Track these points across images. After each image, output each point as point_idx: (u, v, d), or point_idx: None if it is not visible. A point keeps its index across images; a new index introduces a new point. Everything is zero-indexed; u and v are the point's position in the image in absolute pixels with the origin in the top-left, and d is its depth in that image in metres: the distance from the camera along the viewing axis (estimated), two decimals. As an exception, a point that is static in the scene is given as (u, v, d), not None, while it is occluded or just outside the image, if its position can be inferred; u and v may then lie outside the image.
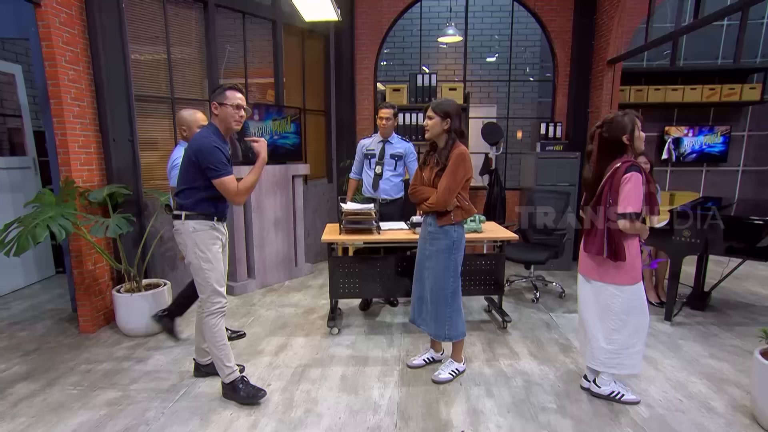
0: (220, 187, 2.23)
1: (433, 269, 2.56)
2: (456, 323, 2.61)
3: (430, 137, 2.50)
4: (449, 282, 2.55)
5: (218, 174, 2.20)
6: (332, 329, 3.34)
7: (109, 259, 3.28)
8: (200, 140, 2.21)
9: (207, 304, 2.36)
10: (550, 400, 2.46)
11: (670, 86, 5.61)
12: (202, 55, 4.09)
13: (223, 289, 2.40)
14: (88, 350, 3.05)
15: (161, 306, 3.27)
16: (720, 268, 3.95)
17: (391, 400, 2.46)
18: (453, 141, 2.44)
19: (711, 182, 6.10)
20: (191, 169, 2.23)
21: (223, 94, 2.26)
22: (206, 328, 2.37)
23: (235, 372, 2.44)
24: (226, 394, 2.46)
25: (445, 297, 2.57)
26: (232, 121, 2.28)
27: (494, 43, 7.08)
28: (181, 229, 2.31)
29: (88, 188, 3.24)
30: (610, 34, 4.69)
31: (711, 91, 5.56)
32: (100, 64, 3.27)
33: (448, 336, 2.61)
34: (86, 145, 3.27)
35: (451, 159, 2.40)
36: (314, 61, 5.24)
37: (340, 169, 5.41)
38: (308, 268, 4.95)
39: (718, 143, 5.88)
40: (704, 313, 3.75)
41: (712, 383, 2.64)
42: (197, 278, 2.35)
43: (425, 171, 2.55)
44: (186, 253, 2.34)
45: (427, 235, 2.60)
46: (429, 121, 2.46)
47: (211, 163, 2.18)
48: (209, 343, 2.39)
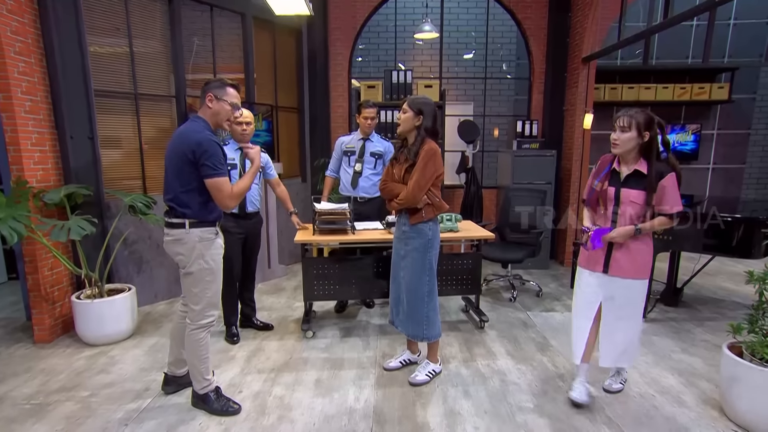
0: (213, 187, 2.12)
1: (409, 269, 2.57)
2: (433, 323, 2.62)
3: (401, 132, 2.51)
4: (425, 281, 2.56)
5: (216, 173, 2.10)
6: (306, 332, 3.32)
7: (68, 263, 3.17)
8: (197, 135, 2.09)
9: (198, 317, 2.27)
10: (527, 400, 2.51)
11: (644, 84, 5.80)
12: (167, 49, 3.99)
13: (220, 303, 2.36)
14: (43, 361, 2.93)
15: (125, 312, 3.19)
16: (691, 265, 4.10)
17: (367, 403, 2.46)
18: (422, 138, 2.45)
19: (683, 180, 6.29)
20: (187, 169, 2.10)
21: (224, 89, 2.18)
22: (191, 341, 2.28)
23: (211, 384, 2.38)
24: (196, 404, 2.40)
25: (422, 296, 2.58)
26: (225, 119, 2.22)
27: (471, 39, 7.16)
28: (186, 239, 2.17)
29: (42, 189, 3.12)
30: (585, 32, 4.81)
31: (682, 90, 5.79)
32: (54, 56, 3.16)
33: (426, 336, 2.63)
34: (40, 143, 3.14)
35: (421, 155, 2.41)
36: (286, 56, 5.19)
37: (314, 168, 5.37)
38: (282, 270, 4.89)
39: (690, 141, 6.11)
40: (677, 309, 3.89)
41: (684, 378, 2.74)
42: (194, 289, 2.23)
43: (395, 167, 2.56)
44: (187, 264, 2.21)
45: (401, 235, 2.61)
46: (402, 115, 2.46)
47: (210, 161, 2.07)
48: (191, 356, 2.31)
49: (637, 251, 2.30)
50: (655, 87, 5.78)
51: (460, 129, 5.32)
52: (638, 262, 2.30)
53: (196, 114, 2.23)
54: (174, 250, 2.22)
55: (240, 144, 3.07)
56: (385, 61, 7.07)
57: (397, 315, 2.73)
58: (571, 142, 5.12)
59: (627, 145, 2.25)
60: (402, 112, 2.46)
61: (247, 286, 3.42)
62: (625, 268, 2.30)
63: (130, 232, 3.64)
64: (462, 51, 7.31)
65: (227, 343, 3.21)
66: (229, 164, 3.05)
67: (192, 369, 2.34)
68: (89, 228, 3.04)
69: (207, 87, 2.20)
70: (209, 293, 2.26)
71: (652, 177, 2.22)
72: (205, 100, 2.18)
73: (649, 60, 6.06)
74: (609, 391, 2.58)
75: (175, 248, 2.21)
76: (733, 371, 2.26)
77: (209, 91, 2.18)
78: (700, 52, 5.98)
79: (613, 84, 5.84)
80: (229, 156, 3.06)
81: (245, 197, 3.09)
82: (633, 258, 2.30)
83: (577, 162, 5.11)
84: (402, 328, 2.71)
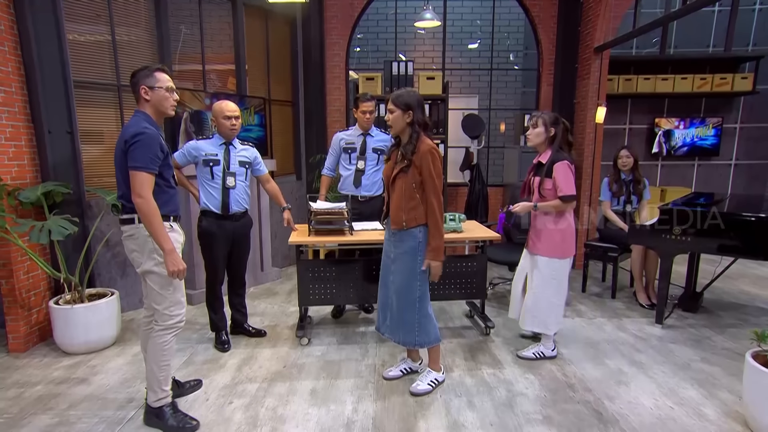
0: (135, 179, 2.08)
1: (399, 273, 2.57)
2: (426, 329, 2.61)
3: (395, 134, 2.53)
4: (415, 286, 2.55)
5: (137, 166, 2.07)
6: (301, 339, 3.30)
7: (46, 266, 3.15)
8: (132, 128, 2.12)
9: (164, 317, 2.25)
10: (535, 411, 2.49)
11: (660, 75, 5.78)
12: (152, 38, 3.98)
13: (185, 299, 2.34)
14: (18, 372, 2.92)
15: (107, 319, 3.18)
16: (712, 267, 4.08)
17: (366, 415, 2.44)
18: (417, 134, 2.45)
19: (703, 177, 6.31)
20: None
21: (152, 77, 2.19)
22: (155, 345, 2.26)
23: (168, 397, 2.35)
24: (149, 421, 2.34)
25: (412, 302, 2.56)
26: (168, 105, 2.23)
27: (475, 28, 7.15)
28: (136, 233, 2.20)
29: (18, 187, 3.10)
30: (597, 20, 4.79)
31: (702, 80, 5.75)
32: (30, 44, 3.14)
33: (418, 342, 2.61)
34: (15, 138, 3.13)
35: (422, 158, 2.40)
36: (280, 46, 5.18)
37: (309, 165, 5.36)
38: (275, 273, 4.88)
39: (710, 136, 6.09)
40: (696, 315, 3.87)
41: (704, 389, 2.72)
42: (155, 286, 2.23)
43: (386, 167, 2.59)
44: (141, 262, 2.22)
45: (390, 237, 2.61)
46: (390, 115, 2.47)
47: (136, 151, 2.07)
48: (152, 362, 2.27)
49: (547, 233, 2.92)
50: (673, 78, 5.75)
51: (464, 123, 5.30)
52: (545, 242, 2.93)
53: (137, 109, 2.24)
54: (129, 247, 2.27)
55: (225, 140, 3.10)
56: (384, 52, 7.06)
57: (384, 321, 2.72)
58: (583, 137, 5.10)
59: (536, 139, 2.94)
60: (389, 112, 2.47)
61: (237, 291, 3.40)
62: (537, 246, 2.97)
63: (112, 233, 3.62)
64: (466, 40, 7.30)
65: (217, 350, 3.19)
66: (211, 160, 3.06)
67: (150, 377, 2.30)
68: (71, 228, 3.02)
69: (136, 80, 2.19)
70: (170, 289, 2.25)
71: (549, 164, 2.86)
72: (140, 94, 2.19)
73: (667, 49, 6.02)
74: (520, 356, 3.09)
75: (129, 245, 2.26)
76: (757, 382, 2.24)
77: (141, 84, 2.18)
78: (722, 40, 5.94)
79: (627, 75, 5.82)
80: (210, 151, 3.07)
81: (229, 196, 3.08)
82: (542, 239, 2.94)
83: (589, 158, 5.09)
84: (390, 335, 2.69)
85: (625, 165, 4.18)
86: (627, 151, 4.19)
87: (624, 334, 3.49)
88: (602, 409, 2.51)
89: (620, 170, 4.22)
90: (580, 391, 2.68)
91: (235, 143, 3.15)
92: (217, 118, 3.05)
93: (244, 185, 3.18)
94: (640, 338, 3.40)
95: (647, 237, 3.64)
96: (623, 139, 6.21)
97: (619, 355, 3.14)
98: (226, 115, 3.03)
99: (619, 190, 4.21)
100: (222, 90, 4.62)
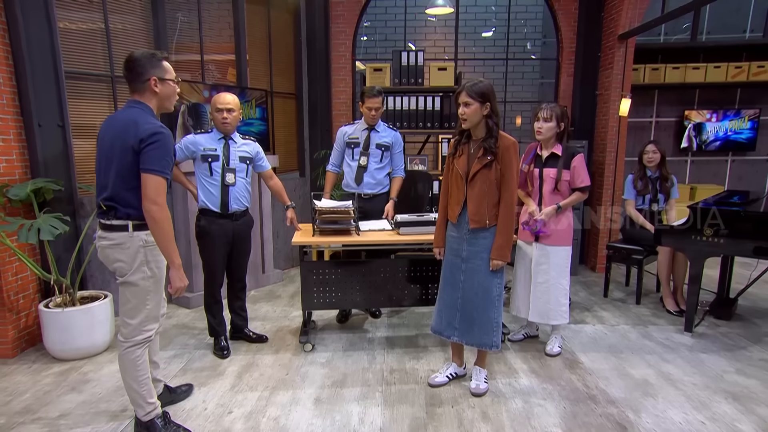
0: (149, 185, 2.02)
1: (477, 272, 2.62)
2: (500, 329, 2.70)
3: (469, 126, 2.54)
4: (495, 284, 2.63)
5: (157, 170, 2.02)
6: (305, 345, 3.31)
7: (35, 268, 3.18)
8: (149, 126, 2.03)
9: (135, 333, 2.19)
10: (554, 424, 2.46)
11: (691, 64, 5.70)
12: (148, 26, 4.01)
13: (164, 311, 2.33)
14: (5, 379, 2.94)
15: (100, 323, 3.19)
16: (747, 272, 4.01)
17: (373, 426, 2.44)
18: (497, 127, 2.53)
19: (737, 173, 6.22)
20: (134, 161, 2.05)
21: (161, 67, 2.13)
22: (127, 362, 2.20)
23: (157, 408, 2.32)
24: None
25: (492, 300, 2.63)
26: (174, 100, 2.22)
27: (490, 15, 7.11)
28: (128, 243, 2.12)
29: (6, 183, 3.13)
30: (622, 5, 4.74)
31: (737, 69, 5.67)
32: (19, 32, 3.15)
33: (495, 342, 2.67)
34: (3, 131, 3.15)
35: (505, 153, 2.49)
36: (282, 35, 5.18)
37: (313, 161, 5.37)
38: (277, 275, 4.89)
39: (746, 129, 6.00)
40: (729, 322, 3.81)
41: (739, 403, 2.67)
42: (134, 300, 2.17)
43: (458, 162, 2.60)
44: (127, 272, 2.15)
45: (465, 235, 2.63)
46: (466, 108, 2.48)
47: (158, 152, 2.01)
48: (129, 379, 2.22)
49: (556, 222, 3.11)
50: (705, 67, 5.67)
51: (479, 116, 5.27)
52: (558, 232, 3.12)
53: (135, 99, 2.14)
54: (113, 256, 2.14)
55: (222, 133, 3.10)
56: (393, 41, 7.06)
57: (450, 323, 2.74)
58: (605, 131, 5.05)
59: (549, 132, 3.08)
60: (464, 105, 2.48)
61: (237, 294, 3.41)
62: (551, 237, 3.13)
63: (105, 232, 3.64)
64: (480, 28, 7.27)
65: (216, 357, 3.20)
66: (210, 155, 3.06)
67: (131, 394, 2.25)
68: (62, 227, 3.04)
69: (142, 69, 2.09)
70: (150, 305, 2.19)
71: (566, 156, 3.09)
72: (149, 85, 2.11)
73: (698, 36, 5.94)
74: (548, 354, 3.26)
75: (114, 254, 2.14)
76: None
77: (150, 74, 2.10)
78: (760, 24, 5.85)
79: (654, 64, 5.75)
80: (209, 146, 3.07)
81: (229, 194, 3.08)
82: (554, 229, 3.12)
83: (612, 154, 5.04)
84: (466, 338, 2.72)
85: (652, 161, 4.13)
86: (654, 146, 4.14)
87: (650, 342, 3.44)
88: (627, 423, 2.47)
89: (646, 167, 4.17)
90: (603, 403, 2.65)
91: (236, 137, 3.15)
92: (212, 111, 3.06)
93: (244, 182, 3.18)
94: (668, 347, 3.36)
95: (676, 238, 3.59)
96: (649, 133, 6.15)
97: (645, 364, 3.10)
98: (217, 108, 3.02)
99: (644, 187, 4.16)
100: (221, 81, 4.64)
